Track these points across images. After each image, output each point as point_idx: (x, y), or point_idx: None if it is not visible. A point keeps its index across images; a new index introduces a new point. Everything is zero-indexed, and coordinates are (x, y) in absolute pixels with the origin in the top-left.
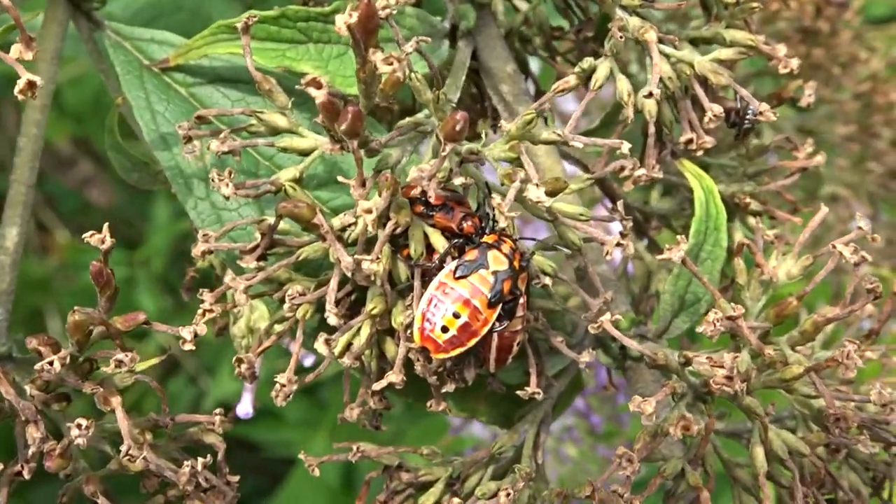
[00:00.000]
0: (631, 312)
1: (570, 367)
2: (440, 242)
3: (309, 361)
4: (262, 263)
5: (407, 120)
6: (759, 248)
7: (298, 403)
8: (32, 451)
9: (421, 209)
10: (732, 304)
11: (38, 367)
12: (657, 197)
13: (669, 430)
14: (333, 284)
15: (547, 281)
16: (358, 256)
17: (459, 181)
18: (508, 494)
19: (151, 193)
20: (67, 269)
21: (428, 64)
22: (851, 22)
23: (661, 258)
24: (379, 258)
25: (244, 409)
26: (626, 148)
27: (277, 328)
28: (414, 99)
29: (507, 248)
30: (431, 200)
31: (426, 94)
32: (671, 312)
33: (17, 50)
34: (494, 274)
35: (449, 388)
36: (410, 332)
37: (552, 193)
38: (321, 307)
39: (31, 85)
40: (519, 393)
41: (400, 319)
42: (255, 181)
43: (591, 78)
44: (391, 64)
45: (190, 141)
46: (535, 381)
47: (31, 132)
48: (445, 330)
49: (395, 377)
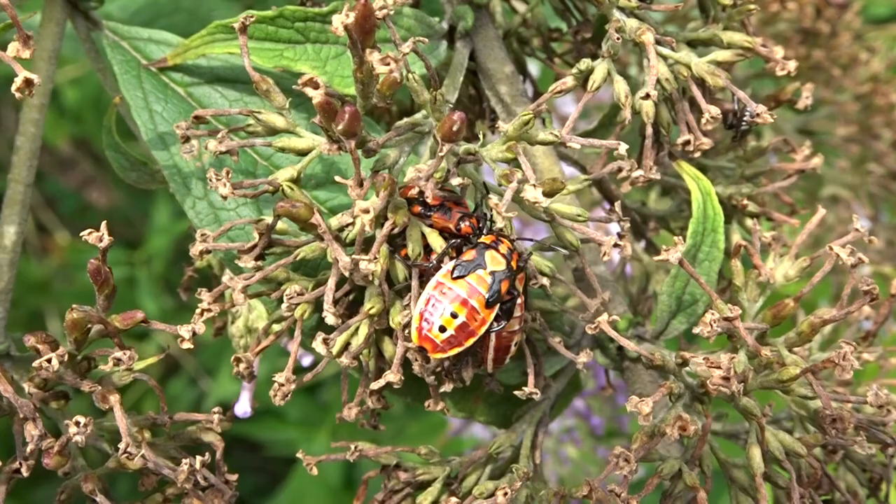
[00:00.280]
0: (629, 313)
1: (567, 367)
2: (438, 242)
3: (307, 361)
4: (260, 263)
5: (404, 120)
6: (756, 249)
7: (299, 403)
8: (31, 448)
9: (419, 209)
10: (729, 305)
11: (36, 364)
12: (655, 199)
13: (666, 430)
14: (331, 284)
15: (545, 281)
16: (356, 256)
17: (457, 181)
18: (506, 494)
19: (152, 194)
20: (67, 269)
21: (425, 64)
22: (852, 23)
23: (658, 259)
24: (377, 258)
25: (242, 408)
26: (623, 149)
27: (276, 328)
28: (412, 100)
29: (504, 248)
30: (429, 201)
31: (423, 94)
32: (669, 313)
33: (14, 48)
34: (492, 274)
35: (447, 388)
36: (408, 331)
37: (550, 194)
38: (319, 307)
39: (28, 83)
40: (517, 393)
41: (398, 319)
42: (252, 181)
43: (588, 79)
44: (388, 64)
45: (188, 140)
46: (532, 381)
47: (28, 131)
48: (443, 330)
49: (393, 377)
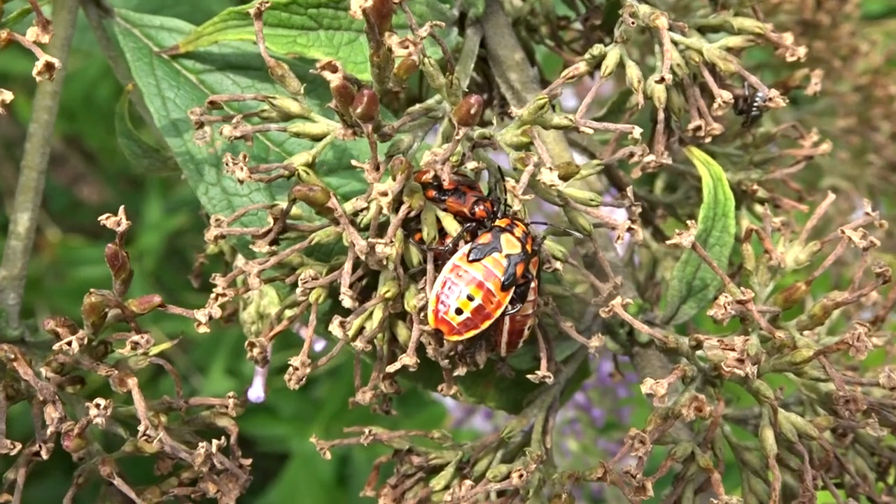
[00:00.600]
0: (638, 299)
1: (577, 353)
2: (453, 226)
3: (319, 346)
4: (274, 248)
5: (418, 106)
6: (767, 234)
7: (292, 398)
8: (51, 431)
9: (433, 194)
10: (742, 288)
11: (56, 347)
12: (661, 186)
13: (682, 411)
14: (348, 267)
15: (558, 265)
16: (372, 240)
17: (472, 165)
18: (521, 476)
19: (143, 191)
20: (59, 266)
21: (442, 48)
22: (852, 14)
23: (670, 243)
24: (392, 241)
25: (256, 393)
26: (637, 132)
27: (288, 313)
28: (420, 87)
29: (519, 231)
30: (444, 185)
31: (439, 78)
32: (679, 298)
33: (34, 33)
34: (507, 257)
35: (460, 371)
36: (424, 314)
37: (564, 178)
38: (333, 292)
39: (49, 66)
40: (529, 377)
41: (413, 303)
42: (268, 165)
43: (600, 65)
44: (406, 48)
45: (201, 126)
46: (545, 365)
47: (42, 118)
48: (459, 312)
49: (409, 359)
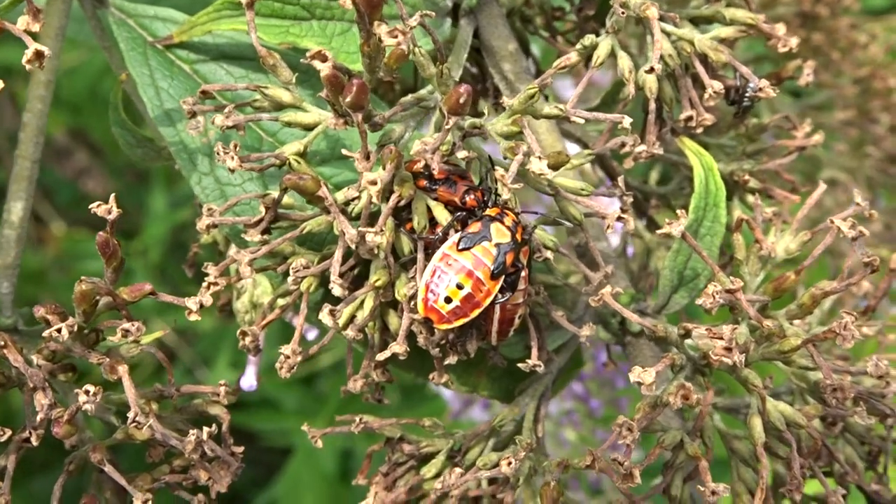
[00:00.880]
0: (630, 289)
1: (570, 342)
2: (443, 215)
3: (312, 335)
4: (266, 237)
5: (410, 96)
6: (758, 224)
7: (295, 392)
8: (41, 417)
9: (424, 183)
10: (731, 277)
11: (46, 334)
12: (656, 177)
13: (669, 399)
14: (338, 256)
15: (548, 255)
16: (362, 229)
17: (462, 154)
18: (510, 463)
19: (148, 184)
20: (63, 260)
21: (432, 38)
22: (851, 7)
23: (661, 233)
24: (382, 230)
25: (248, 381)
26: (627, 122)
27: (280, 302)
28: (416, 78)
29: (509, 220)
30: (435, 174)
31: (430, 68)
32: (670, 288)
33: (24, 21)
34: (497, 246)
35: (451, 360)
36: (414, 303)
37: (554, 167)
38: (324, 281)
39: (38, 55)
40: (520, 366)
41: (403, 291)
42: (259, 154)
43: (592, 56)
44: (396, 37)
45: (194, 116)
46: (536, 354)
47: (35, 108)
48: (449, 300)
49: (399, 347)
